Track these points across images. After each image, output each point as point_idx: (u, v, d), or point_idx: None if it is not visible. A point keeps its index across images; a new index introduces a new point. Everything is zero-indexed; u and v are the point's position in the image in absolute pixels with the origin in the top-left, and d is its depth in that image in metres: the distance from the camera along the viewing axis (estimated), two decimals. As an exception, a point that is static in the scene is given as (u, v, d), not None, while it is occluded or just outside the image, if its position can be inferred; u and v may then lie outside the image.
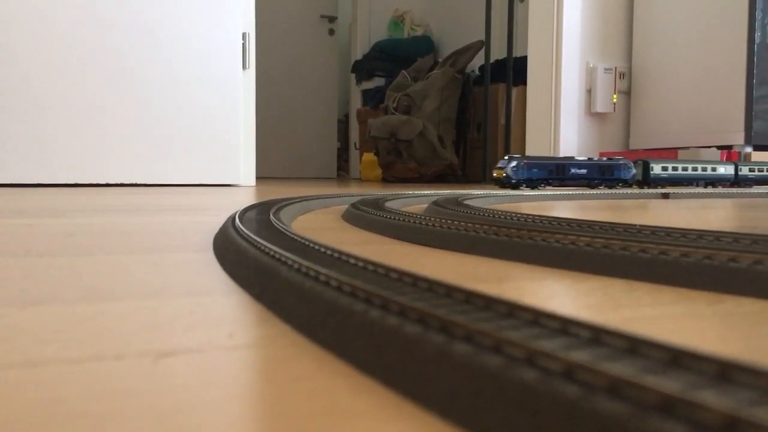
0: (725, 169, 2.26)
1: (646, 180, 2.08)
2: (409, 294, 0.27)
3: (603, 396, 0.16)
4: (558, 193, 1.70)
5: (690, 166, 2.20)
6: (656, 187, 2.03)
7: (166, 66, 2.20)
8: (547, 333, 0.21)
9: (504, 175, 1.80)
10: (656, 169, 2.10)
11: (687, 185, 2.21)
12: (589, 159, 1.99)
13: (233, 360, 0.25)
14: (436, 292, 0.28)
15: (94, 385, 0.22)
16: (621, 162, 2.02)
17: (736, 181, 2.29)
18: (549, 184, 1.87)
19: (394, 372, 0.22)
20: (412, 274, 0.30)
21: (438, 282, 0.28)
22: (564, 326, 0.21)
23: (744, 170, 2.31)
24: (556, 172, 1.87)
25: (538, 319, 0.22)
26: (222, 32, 2.28)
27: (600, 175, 1.95)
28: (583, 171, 1.93)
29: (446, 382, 0.20)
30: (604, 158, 2.03)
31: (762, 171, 2.36)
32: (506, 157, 1.85)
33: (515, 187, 1.80)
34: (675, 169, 2.17)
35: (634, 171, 2.04)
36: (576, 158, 1.98)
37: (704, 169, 2.23)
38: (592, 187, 1.92)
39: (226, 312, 0.34)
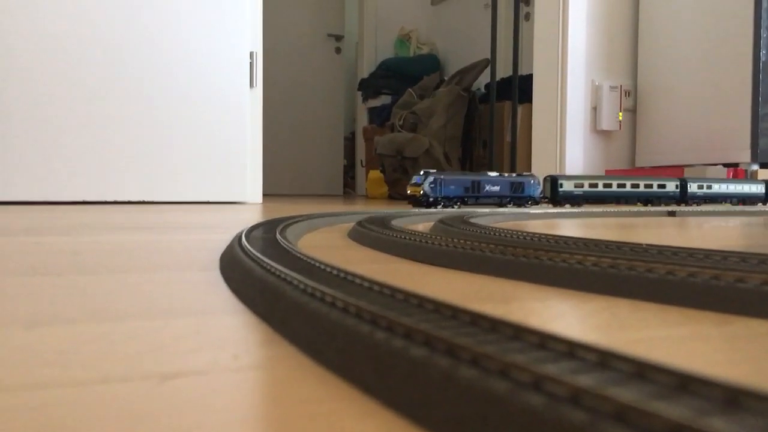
0: (668, 185, 2.11)
1: (554, 197, 1.94)
2: (415, 315, 0.27)
3: (610, 422, 0.16)
4: (557, 211, 1.69)
5: (615, 182, 2.05)
6: (563, 205, 1.91)
7: (173, 84, 2.22)
8: (553, 356, 0.21)
9: (421, 192, 1.63)
10: (566, 185, 1.95)
11: (611, 203, 2.07)
12: (500, 175, 1.86)
13: (238, 382, 0.25)
14: (442, 314, 0.28)
15: (98, 408, 0.22)
16: (530, 178, 1.89)
17: (684, 199, 2.17)
18: (465, 203, 1.72)
19: (400, 395, 0.22)
20: (418, 295, 0.30)
21: (444, 303, 0.28)
22: (571, 349, 0.21)
23: (693, 187, 2.18)
24: (471, 189, 1.73)
25: (544, 341, 0.22)
26: (229, 51, 2.30)
27: (511, 192, 1.83)
28: (496, 188, 1.79)
29: (452, 407, 0.19)
30: (514, 174, 1.90)
31: (710, 188, 2.21)
32: (422, 173, 1.68)
33: (432, 205, 1.64)
34: (594, 185, 2.03)
35: (540, 187, 1.91)
36: (489, 174, 1.84)
37: (635, 186, 2.08)
38: (503, 205, 1.80)
39: (231, 332, 0.33)
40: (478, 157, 3.43)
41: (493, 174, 1.84)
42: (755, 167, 2.49)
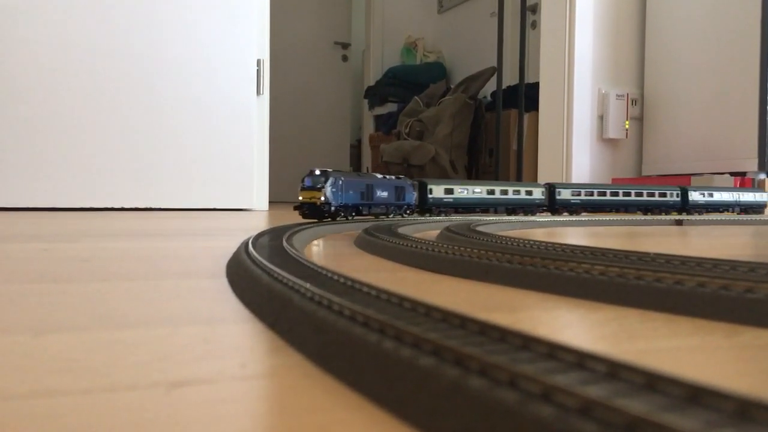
0: (534, 193, 1.90)
1: (423, 205, 1.63)
2: (423, 324, 0.27)
3: (621, 434, 0.16)
4: (555, 219, 1.69)
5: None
6: (438, 214, 1.64)
7: (180, 91, 2.23)
8: (563, 367, 0.21)
9: (322, 199, 1.19)
10: (437, 191, 1.65)
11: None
12: (384, 177, 1.47)
13: (245, 391, 0.25)
14: (450, 323, 0.27)
15: (105, 417, 0.22)
16: (407, 183, 1.55)
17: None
18: (359, 212, 1.35)
19: (409, 405, 0.22)
20: (426, 304, 0.30)
21: (452, 312, 0.28)
22: (580, 360, 0.21)
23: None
24: (366, 196, 1.35)
25: (553, 352, 0.22)
26: (237, 59, 2.31)
27: (395, 199, 1.48)
28: (385, 194, 1.43)
29: (461, 417, 0.19)
30: (392, 176, 1.53)
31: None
32: (317, 172, 1.22)
33: (334, 216, 1.22)
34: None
35: (415, 194, 1.59)
36: (377, 176, 1.45)
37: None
38: (387, 215, 1.46)
39: (238, 341, 0.33)
40: (484, 165, 3.43)
41: (379, 175, 1.46)
42: (762, 176, 2.48)
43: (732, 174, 2.48)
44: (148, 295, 0.46)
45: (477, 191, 1.75)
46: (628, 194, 2.03)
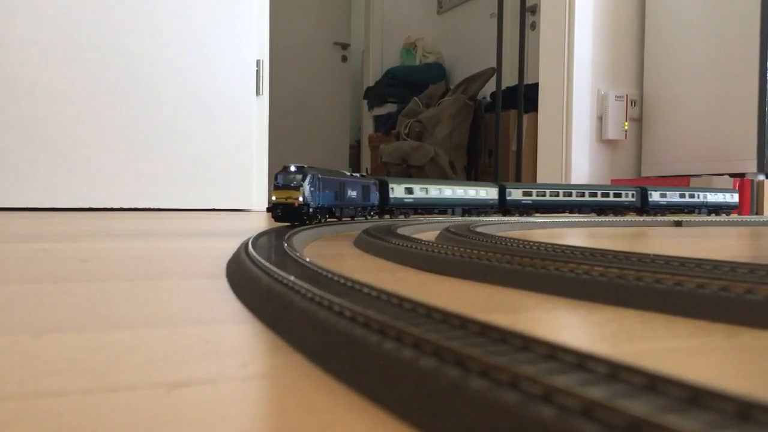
0: (486, 193, 1.85)
1: (384, 205, 1.54)
2: (424, 325, 0.27)
3: (622, 435, 0.16)
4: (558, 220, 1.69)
5: (453, 189, 1.75)
6: (399, 215, 1.57)
7: (180, 92, 2.23)
8: (563, 368, 0.21)
9: (300, 200, 1.03)
10: (398, 191, 1.56)
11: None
12: (352, 175, 1.35)
13: (246, 391, 0.25)
14: (451, 324, 0.27)
15: (106, 417, 0.22)
16: (371, 182, 1.44)
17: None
18: (332, 214, 1.21)
19: (409, 406, 0.22)
20: (426, 305, 0.30)
21: (452, 313, 0.28)
22: (581, 361, 0.21)
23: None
24: (339, 196, 1.21)
25: (554, 353, 0.22)
26: (236, 59, 2.31)
27: (362, 199, 1.37)
28: (354, 193, 1.31)
29: (462, 418, 0.19)
30: (358, 174, 1.41)
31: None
32: (292, 168, 1.07)
33: (311, 219, 1.08)
34: (435, 192, 1.75)
35: (377, 194, 1.48)
36: (346, 173, 1.32)
37: (471, 192, 1.82)
38: (354, 217, 1.34)
39: (239, 341, 0.33)
40: (483, 165, 3.43)
41: (348, 173, 1.34)
42: (761, 177, 2.49)
43: (731, 175, 2.48)
44: (148, 296, 0.46)
45: (434, 192, 1.69)
46: (581, 195, 2.00)
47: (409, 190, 1.60)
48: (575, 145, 2.78)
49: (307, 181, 1.06)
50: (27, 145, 2.04)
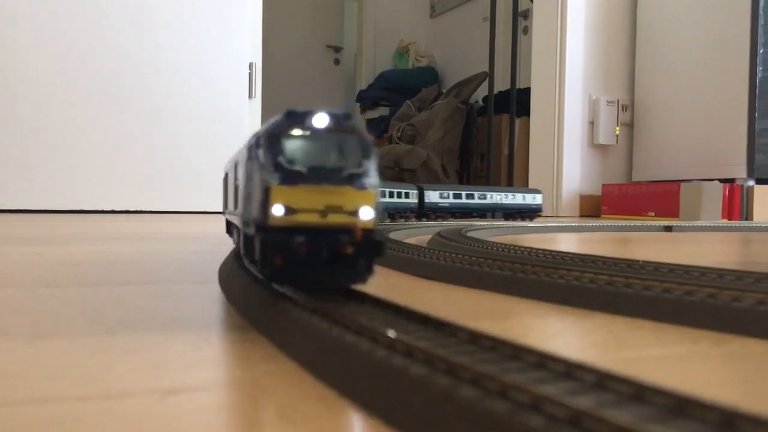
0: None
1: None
2: (415, 333, 0.27)
3: (608, 445, 0.16)
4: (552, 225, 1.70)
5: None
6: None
7: (173, 95, 2.22)
8: (552, 377, 0.21)
9: None
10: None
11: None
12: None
13: (240, 398, 0.25)
14: (442, 332, 0.28)
15: (99, 424, 0.22)
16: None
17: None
18: None
19: (400, 414, 0.22)
20: (419, 313, 0.30)
21: (444, 322, 0.28)
22: (569, 370, 0.22)
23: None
24: None
25: (543, 361, 0.23)
26: (229, 62, 2.31)
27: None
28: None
29: (452, 426, 0.20)
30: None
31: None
32: None
33: None
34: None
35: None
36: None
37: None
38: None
39: (232, 348, 0.34)
40: (475, 169, 3.44)
41: None
42: (751, 183, 2.50)
43: (721, 180, 2.50)
44: (141, 301, 0.47)
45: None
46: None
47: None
48: (567, 149, 2.79)
49: None
50: (19, 147, 2.03)
